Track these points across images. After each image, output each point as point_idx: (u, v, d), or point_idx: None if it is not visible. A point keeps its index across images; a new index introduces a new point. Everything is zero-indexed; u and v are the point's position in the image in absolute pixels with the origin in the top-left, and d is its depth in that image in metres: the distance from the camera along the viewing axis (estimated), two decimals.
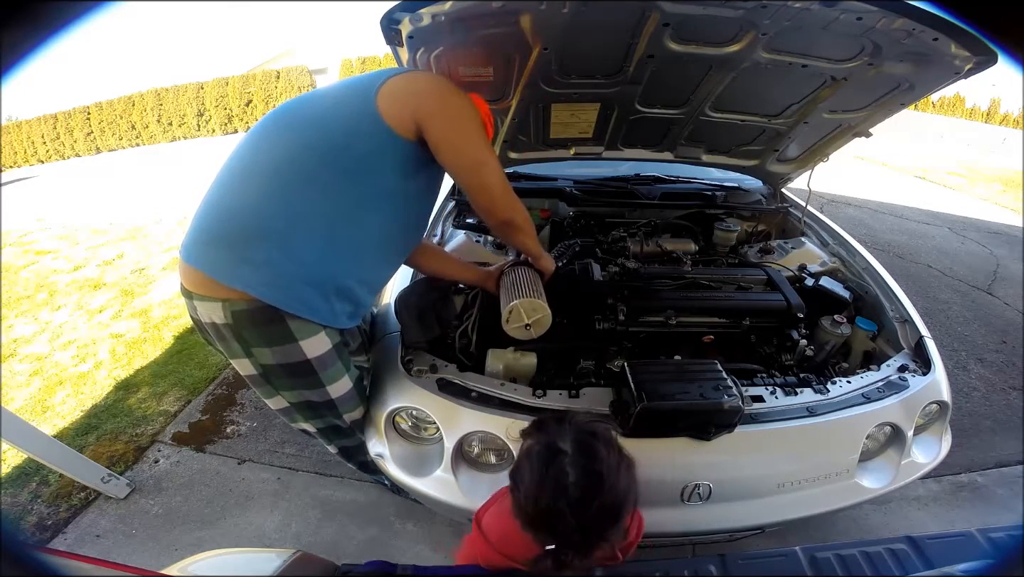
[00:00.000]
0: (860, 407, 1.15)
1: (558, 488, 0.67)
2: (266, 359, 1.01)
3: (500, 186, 1.05)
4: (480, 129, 1.01)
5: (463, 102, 0.99)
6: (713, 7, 1.06)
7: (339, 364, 1.09)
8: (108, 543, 1.66)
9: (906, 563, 0.75)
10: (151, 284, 3.57)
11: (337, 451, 1.39)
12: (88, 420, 2.23)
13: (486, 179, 1.03)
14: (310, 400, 1.13)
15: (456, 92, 0.99)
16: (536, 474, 0.69)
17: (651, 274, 1.50)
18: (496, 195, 1.06)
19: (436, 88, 0.99)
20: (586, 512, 0.65)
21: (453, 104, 0.98)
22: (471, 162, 1.01)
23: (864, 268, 1.61)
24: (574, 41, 1.20)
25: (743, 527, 1.13)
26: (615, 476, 0.68)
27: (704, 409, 1.01)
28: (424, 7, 1.00)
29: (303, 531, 1.67)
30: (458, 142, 0.99)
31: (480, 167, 1.02)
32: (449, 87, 1.00)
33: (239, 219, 0.93)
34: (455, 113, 0.98)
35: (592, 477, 0.67)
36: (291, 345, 0.99)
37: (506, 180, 1.06)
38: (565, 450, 0.70)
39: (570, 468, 0.68)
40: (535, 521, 0.68)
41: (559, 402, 1.11)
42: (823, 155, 1.74)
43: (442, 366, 1.19)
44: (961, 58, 1.09)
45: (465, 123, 0.98)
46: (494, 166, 1.04)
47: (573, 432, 0.72)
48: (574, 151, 1.85)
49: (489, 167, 1.03)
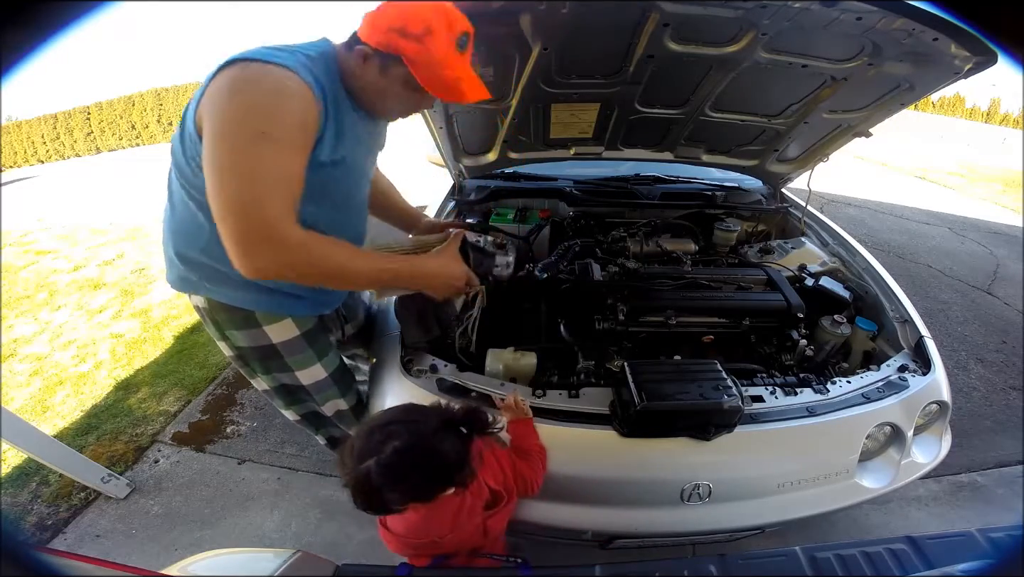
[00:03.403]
0: (860, 407, 1.15)
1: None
2: (239, 341, 1.08)
3: (236, 209, 0.75)
4: (244, 135, 0.75)
5: (237, 102, 0.76)
6: (713, 7, 1.06)
7: (309, 351, 1.14)
8: (108, 543, 1.66)
9: (906, 563, 0.75)
10: (151, 284, 3.57)
11: (325, 442, 1.41)
12: (88, 420, 2.23)
13: (215, 190, 0.76)
14: (284, 383, 1.19)
15: (235, 92, 0.77)
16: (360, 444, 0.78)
17: (651, 274, 1.50)
18: (225, 218, 0.76)
19: (219, 88, 0.78)
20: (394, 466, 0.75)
21: (219, 104, 0.77)
22: (207, 168, 0.77)
23: (864, 268, 1.61)
24: (574, 41, 1.20)
25: (743, 527, 1.13)
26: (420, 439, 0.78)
27: (704, 409, 1.01)
28: None
29: (303, 531, 1.67)
30: (207, 145, 0.77)
31: (213, 173, 0.75)
32: (233, 87, 0.77)
33: (165, 235, 1.03)
34: (217, 114, 0.77)
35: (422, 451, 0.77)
36: (256, 330, 1.06)
37: (265, 210, 0.75)
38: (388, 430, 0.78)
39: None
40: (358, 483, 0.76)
41: (559, 402, 1.11)
42: (823, 155, 1.74)
43: (442, 366, 1.19)
44: (961, 58, 1.09)
45: (221, 125, 0.76)
46: (237, 176, 0.75)
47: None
48: (574, 151, 1.85)
49: (226, 175, 0.75)
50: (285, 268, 0.79)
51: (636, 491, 1.09)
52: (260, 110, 0.76)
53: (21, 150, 13.01)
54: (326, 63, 0.87)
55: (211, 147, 0.77)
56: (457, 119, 1.57)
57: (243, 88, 0.76)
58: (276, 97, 0.77)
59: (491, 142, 1.74)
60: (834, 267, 1.67)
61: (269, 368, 1.14)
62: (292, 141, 0.79)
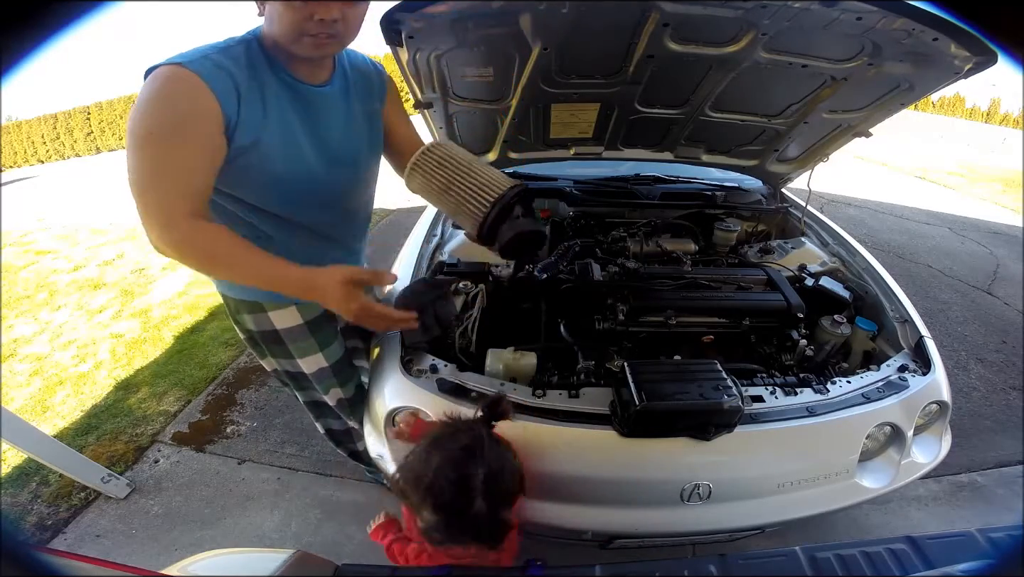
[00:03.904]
0: (860, 407, 1.15)
1: (470, 489, 0.76)
2: (247, 324, 1.15)
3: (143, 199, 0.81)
4: (134, 138, 0.80)
5: (133, 109, 0.82)
6: (713, 7, 1.06)
7: (311, 340, 1.18)
8: (108, 543, 1.66)
9: (906, 563, 0.75)
10: (151, 284, 3.58)
11: (325, 432, 1.42)
12: (88, 420, 2.24)
13: (132, 189, 0.82)
14: (286, 369, 1.25)
15: (136, 100, 0.82)
16: (447, 478, 0.77)
17: (651, 274, 1.50)
18: (140, 211, 0.82)
19: (139, 98, 0.82)
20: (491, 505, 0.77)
21: (133, 110, 0.82)
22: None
23: (864, 268, 1.61)
24: (574, 41, 1.19)
25: (743, 527, 1.13)
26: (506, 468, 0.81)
27: (704, 409, 1.01)
28: (424, 7, 1.00)
29: (303, 531, 1.67)
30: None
31: (135, 179, 0.82)
32: (138, 95, 0.82)
33: None
34: (130, 117, 0.83)
35: (494, 474, 0.78)
36: (262, 315, 1.13)
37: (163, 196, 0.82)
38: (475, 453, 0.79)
39: (478, 469, 0.78)
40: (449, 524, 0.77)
41: (559, 402, 1.11)
42: (823, 155, 1.74)
43: (442, 366, 1.18)
44: (961, 58, 1.09)
45: (131, 126, 0.81)
46: (139, 173, 0.81)
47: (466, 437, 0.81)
48: (574, 151, 1.85)
49: (130, 174, 0.81)
50: (172, 250, 0.83)
51: (636, 491, 1.09)
52: (145, 112, 0.80)
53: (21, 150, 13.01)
54: (246, 48, 0.87)
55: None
56: (457, 119, 1.57)
57: (140, 94, 0.82)
58: (160, 98, 0.81)
59: (491, 142, 1.74)
60: (834, 267, 1.67)
61: (273, 352, 1.21)
62: (181, 135, 0.80)
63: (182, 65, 0.80)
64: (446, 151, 1.01)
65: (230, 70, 0.83)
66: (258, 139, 0.88)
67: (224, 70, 0.83)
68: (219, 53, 0.84)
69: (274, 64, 0.89)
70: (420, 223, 1.78)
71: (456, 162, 0.99)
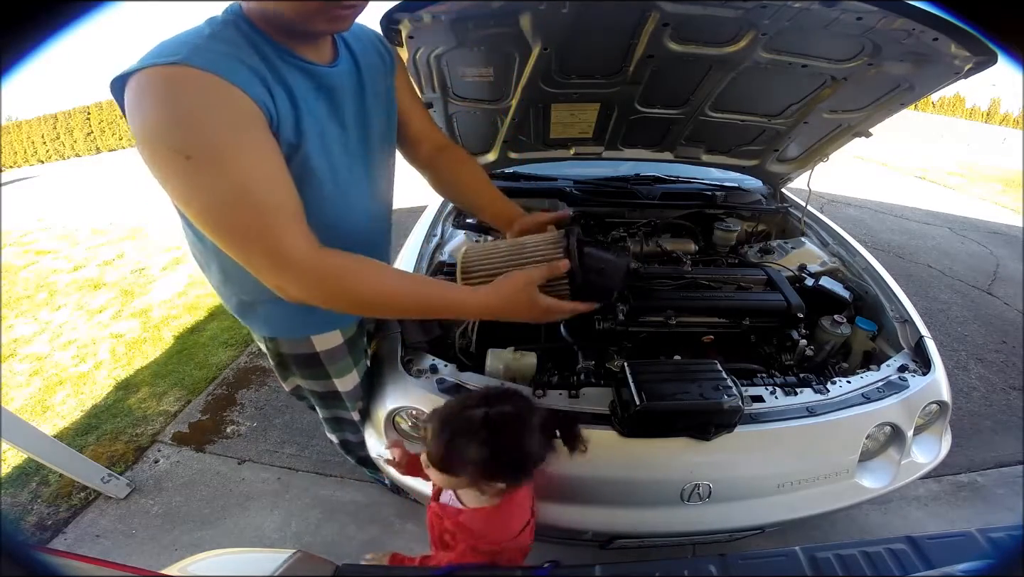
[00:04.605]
0: (860, 407, 1.15)
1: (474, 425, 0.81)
2: (281, 348, 1.05)
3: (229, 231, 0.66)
4: (171, 153, 0.62)
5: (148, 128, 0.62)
6: (713, 7, 1.06)
7: (348, 359, 1.11)
8: (108, 543, 1.66)
9: (906, 563, 0.75)
10: (151, 284, 3.57)
11: (339, 443, 1.40)
12: (88, 420, 2.23)
13: (209, 230, 0.67)
14: (314, 389, 1.15)
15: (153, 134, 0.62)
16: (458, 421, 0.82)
17: (651, 274, 1.50)
18: (236, 251, 0.68)
19: (139, 120, 0.63)
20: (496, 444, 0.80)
21: (143, 137, 0.63)
22: (179, 203, 0.68)
23: (864, 268, 1.61)
24: (574, 41, 1.19)
25: (743, 527, 1.13)
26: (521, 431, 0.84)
27: (704, 409, 1.01)
28: (424, 7, 1.00)
29: (303, 531, 1.67)
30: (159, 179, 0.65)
31: (189, 207, 0.66)
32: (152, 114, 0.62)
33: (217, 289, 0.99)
34: (145, 146, 0.64)
35: (500, 422, 0.81)
36: (302, 339, 1.03)
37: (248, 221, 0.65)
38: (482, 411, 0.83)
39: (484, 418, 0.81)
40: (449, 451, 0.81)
41: (559, 402, 1.11)
42: (823, 155, 1.74)
43: (442, 366, 1.19)
44: (961, 58, 1.09)
45: (150, 153, 0.63)
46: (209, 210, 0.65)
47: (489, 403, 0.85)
48: (574, 151, 1.85)
49: (203, 210, 0.65)
50: (309, 293, 0.70)
51: (636, 491, 1.09)
52: (172, 133, 0.62)
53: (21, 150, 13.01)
54: (237, 29, 0.70)
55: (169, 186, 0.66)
56: (457, 119, 1.57)
57: (143, 119, 0.63)
58: (180, 110, 0.62)
59: (491, 142, 1.74)
60: (834, 267, 1.67)
61: (307, 375, 1.11)
62: (239, 141, 0.64)
63: (183, 65, 0.61)
64: (481, 260, 0.95)
65: (238, 57, 0.66)
66: (300, 136, 0.73)
67: (233, 59, 0.66)
68: (210, 42, 0.66)
69: (277, 47, 0.72)
70: (420, 223, 1.78)
71: (499, 253, 0.94)
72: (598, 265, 0.92)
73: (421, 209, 1.90)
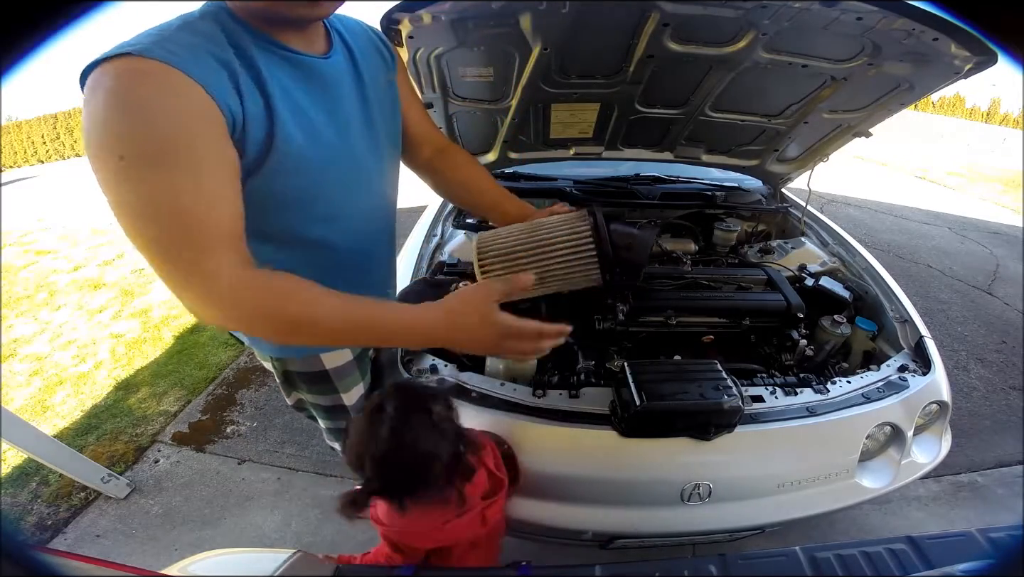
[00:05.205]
0: (860, 407, 1.15)
1: (374, 440, 0.76)
2: (289, 365, 1.01)
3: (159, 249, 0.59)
4: (127, 169, 0.56)
5: (103, 134, 0.56)
6: (713, 7, 1.06)
7: (356, 373, 1.07)
8: (108, 543, 1.66)
9: (906, 563, 0.75)
10: (151, 284, 3.57)
11: (341, 449, 1.39)
12: (88, 420, 2.24)
13: (132, 238, 0.59)
14: (319, 404, 1.11)
15: (98, 128, 0.57)
16: (361, 425, 0.79)
17: (651, 274, 1.50)
18: (154, 264, 0.60)
19: (85, 114, 0.58)
20: (393, 461, 0.75)
21: (85, 132, 0.58)
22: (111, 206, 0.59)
23: (864, 268, 1.61)
24: (574, 41, 1.19)
25: (743, 527, 1.13)
26: (419, 435, 0.77)
27: (704, 409, 1.01)
28: (424, 7, 1.00)
29: (303, 531, 1.67)
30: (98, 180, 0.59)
31: (117, 212, 0.58)
32: (103, 106, 0.56)
33: None
34: (86, 142, 0.58)
35: (396, 434, 0.75)
36: (312, 357, 0.99)
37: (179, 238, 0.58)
38: (388, 410, 0.77)
39: (385, 423, 0.76)
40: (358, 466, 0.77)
41: (559, 402, 1.11)
42: (823, 155, 1.74)
43: (442, 366, 1.19)
44: (961, 58, 1.09)
45: (88, 150, 0.58)
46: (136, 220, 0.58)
47: (398, 396, 0.80)
48: (574, 151, 1.85)
49: (128, 223, 0.58)
50: (229, 320, 0.63)
51: (636, 491, 1.09)
52: (113, 131, 0.57)
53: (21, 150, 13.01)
54: (215, 21, 0.65)
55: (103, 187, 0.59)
56: (457, 119, 1.57)
57: (93, 109, 0.57)
58: (129, 107, 0.56)
59: (491, 142, 1.74)
60: (834, 267, 1.67)
61: (314, 390, 1.06)
62: (185, 153, 0.58)
63: (144, 56, 0.55)
64: (497, 242, 0.88)
65: (209, 51, 0.61)
66: (277, 129, 0.66)
67: (203, 52, 0.60)
68: (183, 32, 0.61)
69: (259, 36, 0.66)
70: (420, 223, 1.78)
71: (516, 233, 0.87)
72: (626, 241, 0.87)
73: (421, 209, 1.90)
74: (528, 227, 0.90)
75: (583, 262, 0.84)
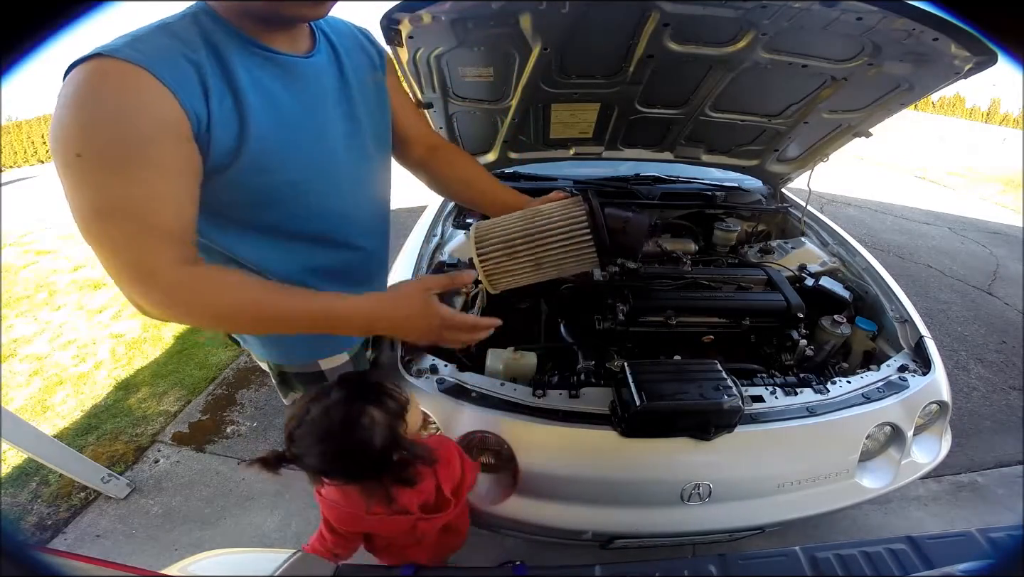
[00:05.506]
0: (860, 407, 1.15)
1: (305, 412, 0.79)
2: (287, 368, 1.03)
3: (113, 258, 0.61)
4: (84, 167, 0.57)
5: (66, 131, 0.57)
6: (713, 7, 1.06)
7: None
8: (108, 543, 1.66)
9: (906, 563, 0.75)
10: None
11: None
12: (88, 420, 2.23)
13: (82, 233, 0.61)
14: None
15: (63, 124, 0.57)
16: (302, 401, 0.81)
17: (651, 274, 1.50)
18: (106, 268, 0.62)
19: (53, 112, 0.59)
20: (313, 434, 0.77)
21: (50, 130, 0.60)
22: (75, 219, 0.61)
23: (864, 268, 1.61)
24: (574, 41, 1.19)
25: (743, 527, 1.13)
26: (348, 421, 0.78)
27: (704, 409, 1.01)
28: (424, 7, 1.00)
29: (303, 531, 1.67)
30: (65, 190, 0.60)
31: (71, 207, 0.60)
32: (70, 105, 0.57)
33: None
34: (50, 139, 0.60)
35: (327, 413, 0.77)
36: (311, 363, 1.01)
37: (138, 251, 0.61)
38: (332, 395, 0.80)
39: (321, 402, 0.79)
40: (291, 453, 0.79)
41: (559, 402, 1.11)
42: (823, 155, 1.74)
43: (442, 366, 1.19)
44: (961, 58, 1.09)
45: (52, 150, 0.59)
46: (88, 216, 0.59)
47: (347, 385, 0.82)
48: (574, 151, 1.85)
49: (81, 219, 0.60)
50: (164, 312, 0.64)
51: (636, 491, 1.09)
52: (75, 129, 0.58)
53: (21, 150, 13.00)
54: (195, 22, 0.65)
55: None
56: (457, 119, 1.57)
57: (61, 105, 0.58)
58: (91, 106, 0.58)
59: (491, 142, 1.74)
60: (834, 267, 1.67)
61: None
62: (138, 155, 0.59)
63: (112, 56, 0.57)
64: (495, 231, 0.89)
65: (181, 52, 0.61)
66: (241, 137, 0.66)
67: (174, 53, 0.61)
68: (157, 33, 0.62)
69: (239, 37, 0.66)
70: (420, 223, 1.78)
71: (514, 220, 0.88)
72: (620, 224, 0.89)
73: (421, 209, 1.90)
74: (525, 214, 0.91)
75: (579, 246, 0.86)
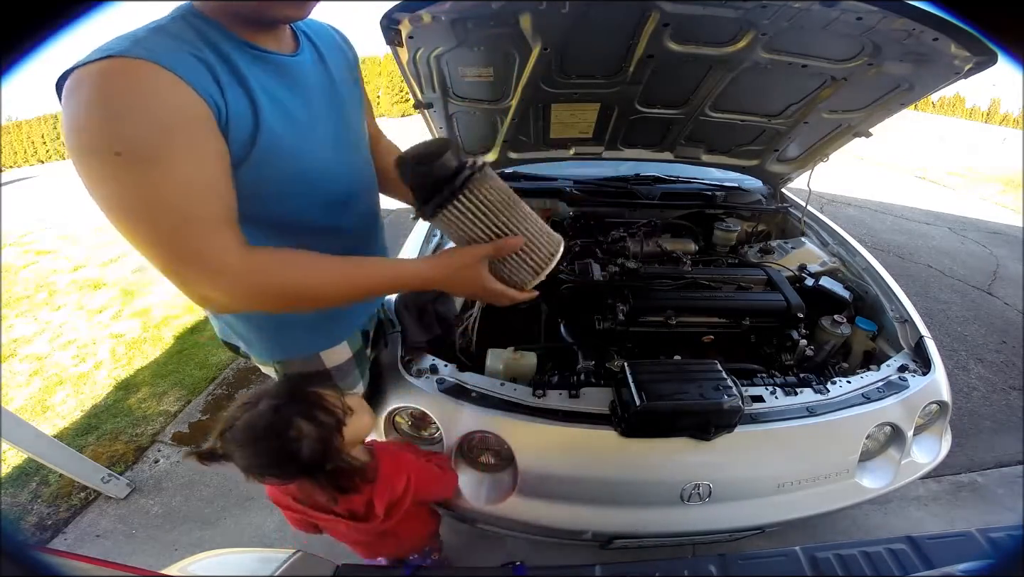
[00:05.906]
0: (860, 407, 1.15)
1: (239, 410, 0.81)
2: (291, 369, 1.03)
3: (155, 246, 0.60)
4: (120, 163, 0.57)
5: (90, 134, 0.57)
6: (713, 7, 1.06)
7: (356, 372, 1.08)
8: (108, 543, 1.66)
9: (906, 563, 0.75)
10: (151, 284, 3.57)
11: None
12: (88, 420, 2.24)
13: (128, 234, 0.60)
14: None
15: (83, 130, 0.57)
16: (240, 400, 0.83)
17: (651, 274, 1.50)
18: (163, 265, 0.61)
19: (68, 116, 0.58)
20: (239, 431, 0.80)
21: (70, 134, 0.59)
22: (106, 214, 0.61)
23: (864, 268, 1.61)
24: (574, 41, 1.20)
25: (743, 527, 1.13)
26: (274, 423, 0.79)
27: (704, 409, 1.01)
28: (424, 7, 1.00)
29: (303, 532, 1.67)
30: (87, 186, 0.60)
31: (112, 209, 0.60)
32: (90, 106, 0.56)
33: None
34: (71, 145, 0.59)
35: (259, 415, 0.79)
36: (312, 355, 1.01)
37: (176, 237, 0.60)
38: (268, 398, 0.81)
39: (254, 404, 0.80)
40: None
41: (559, 402, 1.11)
42: (823, 155, 1.74)
43: (442, 366, 1.19)
44: (961, 58, 1.09)
45: (78, 152, 0.59)
46: (135, 213, 0.59)
47: (284, 389, 0.83)
48: (574, 151, 1.85)
49: (123, 219, 0.59)
50: (237, 299, 0.65)
51: (636, 491, 1.09)
52: (103, 129, 0.57)
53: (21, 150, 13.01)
54: (186, 23, 0.65)
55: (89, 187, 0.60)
56: (457, 119, 1.57)
57: (75, 111, 0.58)
58: (117, 103, 0.56)
59: (491, 142, 1.74)
60: (834, 267, 1.67)
61: None
62: (175, 143, 0.59)
63: (124, 56, 0.56)
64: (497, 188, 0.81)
65: (188, 51, 0.61)
66: (256, 129, 0.67)
67: (183, 51, 0.60)
68: (157, 34, 0.61)
69: (230, 36, 0.67)
70: (420, 223, 1.78)
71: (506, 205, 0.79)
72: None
73: None
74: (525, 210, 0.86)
75: (533, 263, 0.82)
